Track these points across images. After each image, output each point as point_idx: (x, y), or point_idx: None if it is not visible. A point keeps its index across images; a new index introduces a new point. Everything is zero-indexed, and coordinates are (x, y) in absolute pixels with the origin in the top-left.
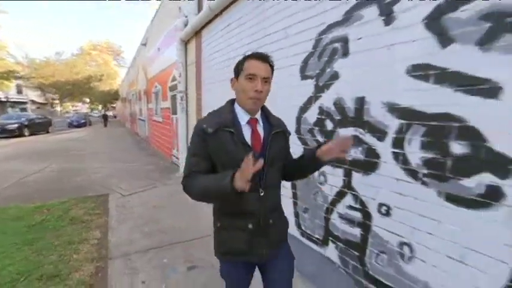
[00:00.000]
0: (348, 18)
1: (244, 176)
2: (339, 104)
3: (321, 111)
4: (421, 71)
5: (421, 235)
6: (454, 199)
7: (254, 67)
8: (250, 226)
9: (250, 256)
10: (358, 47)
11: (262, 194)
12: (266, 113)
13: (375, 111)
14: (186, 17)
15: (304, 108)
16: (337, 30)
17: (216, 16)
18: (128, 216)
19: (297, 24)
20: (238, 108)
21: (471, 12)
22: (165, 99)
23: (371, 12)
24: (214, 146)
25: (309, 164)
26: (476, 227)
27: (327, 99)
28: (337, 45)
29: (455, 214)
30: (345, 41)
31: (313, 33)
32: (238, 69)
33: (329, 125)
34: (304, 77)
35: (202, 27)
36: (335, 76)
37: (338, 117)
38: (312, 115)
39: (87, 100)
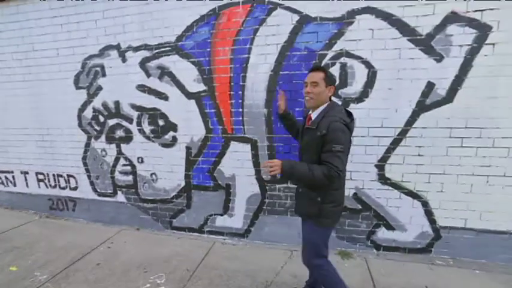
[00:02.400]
0: (102, 53)
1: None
2: (105, 105)
3: (94, 110)
4: (141, 88)
5: (158, 167)
6: (164, 144)
7: (307, 77)
8: (299, 190)
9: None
10: (111, 71)
11: None
12: (325, 115)
13: (126, 108)
14: None
15: (82, 109)
16: (97, 60)
17: None
18: None
19: (66, 49)
20: None
21: (156, 63)
22: None
23: (114, 53)
24: None
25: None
26: (167, 154)
27: (97, 102)
28: (98, 68)
29: (165, 151)
30: (102, 66)
31: (80, 58)
32: None
33: (101, 119)
34: (78, 87)
35: None
36: (100, 88)
37: (106, 113)
38: (88, 113)
39: None
